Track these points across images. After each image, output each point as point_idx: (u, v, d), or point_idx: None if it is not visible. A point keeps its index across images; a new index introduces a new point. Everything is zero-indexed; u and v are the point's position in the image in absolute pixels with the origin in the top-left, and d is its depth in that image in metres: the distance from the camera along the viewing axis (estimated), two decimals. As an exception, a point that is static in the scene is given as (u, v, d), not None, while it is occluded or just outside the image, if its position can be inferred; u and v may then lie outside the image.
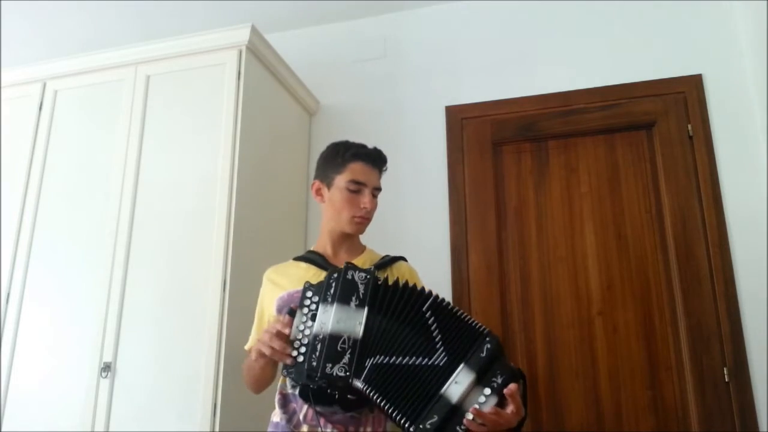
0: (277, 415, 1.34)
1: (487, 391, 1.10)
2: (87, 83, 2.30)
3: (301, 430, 1.28)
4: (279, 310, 1.37)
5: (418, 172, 2.44)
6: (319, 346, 1.16)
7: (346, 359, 1.15)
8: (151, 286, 1.97)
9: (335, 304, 1.19)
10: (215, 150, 2.03)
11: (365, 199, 1.41)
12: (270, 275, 1.47)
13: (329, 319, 1.18)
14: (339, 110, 2.63)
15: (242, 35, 2.10)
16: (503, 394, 1.09)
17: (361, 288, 1.21)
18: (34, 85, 2.37)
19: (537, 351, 2.14)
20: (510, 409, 1.09)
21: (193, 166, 2.05)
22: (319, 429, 1.25)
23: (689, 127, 2.18)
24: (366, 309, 1.19)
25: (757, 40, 2.03)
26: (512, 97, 2.40)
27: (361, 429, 1.27)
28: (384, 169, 1.50)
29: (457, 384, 1.10)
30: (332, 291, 1.20)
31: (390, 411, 1.12)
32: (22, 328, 2.08)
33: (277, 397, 1.36)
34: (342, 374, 1.14)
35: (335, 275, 1.22)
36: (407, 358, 1.15)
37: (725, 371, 1.95)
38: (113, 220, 2.08)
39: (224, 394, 1.80)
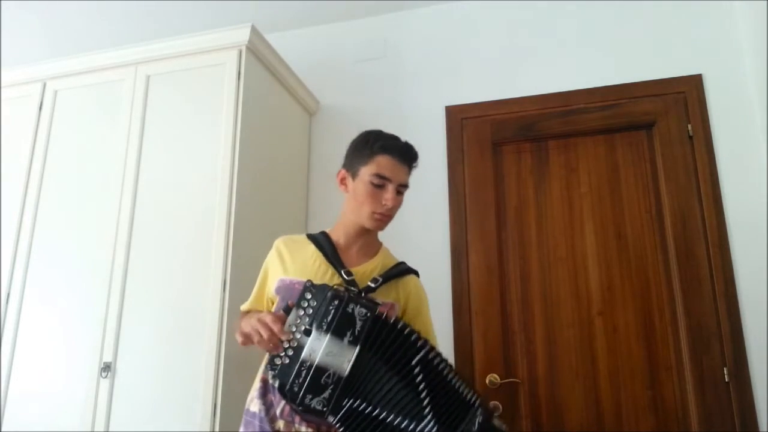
0: (254, 405, 1.32)
1: None
2: (87, 83, 2.30)
3: (277, 424, 1.27)
4: (277, 291, 1.37)
5: (418, 172, 2.41)
6: (303, 374, 1.15)
7: (326, 394, 1.14)
8: (151, 286, 1.97)
9: (329, 336, 1.16)
10: (215, 150, 2.03)
11: (388, 195, 1.35)
12: (280, 247, 1.44)
13: (320, 348, 1.16)
14: (339, 110, 2.63)
15: (242, 35, 2.10)
16: None
17: (359, 325, 1.17)
18: (34, 85, 2.37)
19: (537, 351, 2.14)
20: None
21: (194, 166, 2.05)
22: (294, 426, 1.25)
23: (689, 127, 2.18)
24: (358, 348, 1.16)
25: (757, 40, 2.03)
26: (512, 97, 2.40)
27: (333, 429, 1.27)
28: (414, 165, 1.44)
29: None
30: (329, 319, 1.17)
31: None
32: (22, 328, 2.08)
33: (258, 384, 1.35)
34: (319, 408, 1.14)
35: (336, 302, 1.18)
36: (389, 412, 1.14)
37: (725, 371, 1.95)
38: (113, 220, 2.08)
39: (224, 394, 1.80)
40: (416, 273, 1.47)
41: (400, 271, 1.42)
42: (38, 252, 2.16)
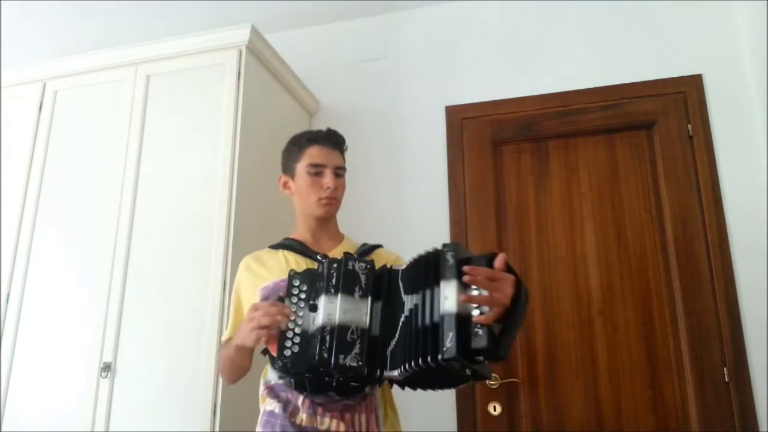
0: (270, 404, 1.32)
1: (466, 269, 1.09)
2: (87, 83, 2.30)
3: (298, 417, 1.27)
4: (265, 300, 1.35)
5: (418, 172, 2.44)
6: (328, 338, 1.16)
7: (357, 349, 1.16)
8: (151, 287, 1.97)
9: (339, 295, 1.19)
10: (215, 150, 2.03)
11: (327, 178, 1.40)
12: (249, 263, 1.45)
13: (335, 309, 1.18)
14: (339, 110, 2.63)
15: (242, 35, 2.10)
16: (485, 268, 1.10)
17: (363, 278, 1.22)
18: (34, 85, 2.37)
19: (537, 351, 2.14)
20: (498, 279, 1.09)
21: (193, 166, 2.05)
22: (317, 418, 1.25)
23: (689, 126, 2.18)
24: (369, 299, 1.21)
25: (757, 40, 2.03)
26: (512, 97, 2.40)
27: (356, 415, 1.28)
28: (344, 148, 1.49)
29: (447, 299, 1.10)
30: (334, 281, 1.21)
31: (411, 365, 1.12)
32: (22, 328, 2.08)
33: (263, 391, 1.35)
34: (354, 364, 1.15)
35: (335, 265, 1.22)
36: (403, 327, 1.17)
37: (725, 371, 1.95)
38: (113, 220, 2.08)
39: (224, 394, 1.80)
40: (380, 245, 1.52)
41: (369, 248, 1.47)
42: (38, 252, 2.16)
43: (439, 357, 1.07)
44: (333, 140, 1.46)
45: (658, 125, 2.21)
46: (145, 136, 2.15)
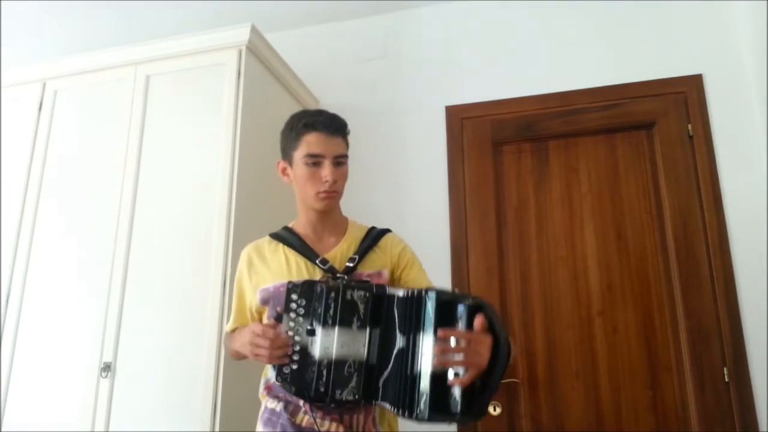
0: (271, 402, 1.32)
1: (440, 334, 1.08)
2: (87, 83, 2.30)
3: (298, 417, 1.27)
4: (264, 302, 1.35)
5: (418, 172, 2.44)
6: (325, 372, 1.16)
7: (353, 383, 1.16)
8: (151, 286, 1.97)
9: (337, 328, 1.18)
10: (215, 150, 2.03)
11: (325, 171, 1.32)
12: (252, 257, 1.42)
13: (332, 343, 1.17)
14: (339, 110, 2.56)
15: (242, 35, 2.10)
16: (458, 331, 1.07)
17: (362, 308, 1.19)
18: (34, 85, 2.37)
19: (537, 351, 2.14)
20: (474, 342, 1.05)
21: (194, 165, 2.05)
22: (317, 421, 1.24)
23: (689, 127, 2.18)
24: (368, 329, 1.19)
25: (757, 40, 2.03)
26: (512, 97, 2.40)
27: (355, 416, 1.28)
28: (346, 132, 1.39)
29: (424, 355, 1.09)
30: (332, 312, 1.18)
31: (397, 413, 1.13)
32: (22, 328, 2.08)
33: (263, 389, 1.36)
34: (351, 398, 1.16)
35: (333, 294, 1.19)
36: (392, 357, 1.16)
37: (725, 371, 1.95)
38: (113, 220, 2.08)
39: (224, 394, 1.80)
40: (388, 230, 1.46)
41: (373, 238, 1.41)
42: (38, 252, 2.16)
43: (413, 417, 1.09)
44: (333, 126, 1.35)
45: (658, 125, 2.21)
46: (145, 136, 2.15)
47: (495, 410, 2.10)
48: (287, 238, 1.40)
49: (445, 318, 1.09)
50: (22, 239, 2.18)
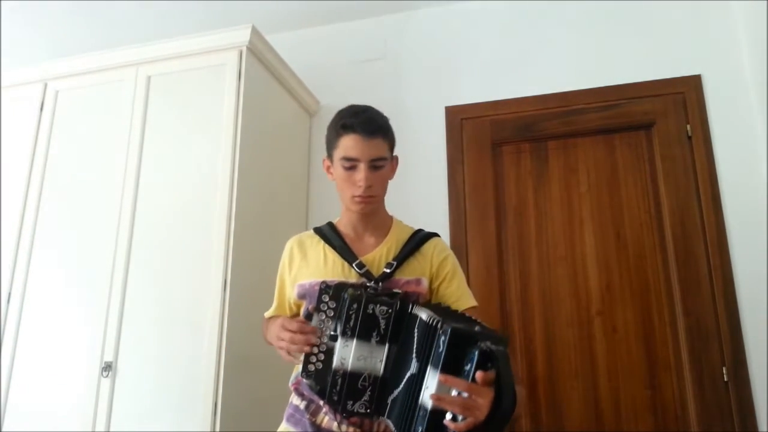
0: (297, 399, 1.34)
1: (442, 379, 1.04)
2: (88, 84, 2.31)
3: (318, 417, 1.28)
4: (301, 297, 1.35)
5: (418, 172, 2.45)
6: (339, 382, 1.16)
7: (366, 396, 1.16)
8: (152, 286, 1.98)
9: (355, 340, 1.17)
10: (216, 150, 2.04)
11: (360, 175, 1.28)
12: (293, 250, 1.41)
13: (349, 355, 1.17)
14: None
15: (243, 36, 2.11)
16: (462, 380, 1.03)
17: (382, 324, 1.17)
18: (36, 86, 2.38)
19: (536, 351, 2.14)
20: (476, 394, 1.01)
21: (194, 166, 2.05)
22: (335, 424, 1.24)
23: (688, 127, 2.19)
24: (387, 345, 1.17)
25: (756, 41, 2.03)
26: (512, 98, 2.40)
27: (376, 422, 1.26)
28: (387, 133, 1.33)
29: (428, 389, 1.07)
30: (352, 324, 1.17)
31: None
32: (23, 328, 2.09)
33: (292, 384, 1.36)
34: (362, 411, 1.16)
35: (355, 306, 1.17)
36: (403, 379, 1.14)
37: (724, 370, 1.96)
38: (114, 220, 2.08)
39: (224, 394, 1.80)
40: (435, 234, 1.41)
41: (417, 242, 1.36)
42: (39, 252, 2.16)
43: None
44: (370, 128, 1.29)
45: (657, 125, 2.22)
46: (145, 137, 2.15)
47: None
48: (328, 235, 1.38)
49: (455, 357, 1.05)
50: (24, 239, 2.19)
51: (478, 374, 1.01)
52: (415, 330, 1.16)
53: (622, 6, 2.38)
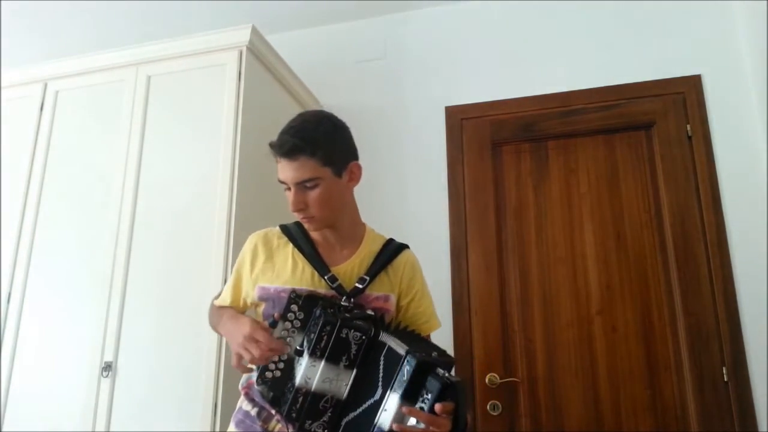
0: (246, 405, 1.31)
1: (405, 411, 1.05)
2: (88, 84, 2.31)
3: (271, 425, 1.26)
4: (262, 300, 1.30)
5: (418, 172, 2.45)
6: (300, 400, 1.14)
7: (326, 417, 1.14)
8: (151, 286, 1.98)
9: (323, 362, 1.14)
10: (216, 150, 2.04)
11: (290, 198, 1.27)
12: (257, 248, 1.35)
13: (315, 375, 1.14)
14: (339, 111, 2.58)
15: (243, 36, 2.11)
16: (423, 413, 1.04)
17: (354, 349, 1.14)
18: (35, 86, 2.38)
19: (536, 350, 2.14)
20: (431, 428, 1.03)
21: (194, 166, 2.06)
22: (288, 429, 1.21)
23: (688, 127, 2.19)
24: (354, 371, 1.15)
25: (757, 40, 2.03)
26: (512, 98, 2.40)
27: None
28: (310, 150, 1.22)
29: (386, 411, 1.07)
30: (323, 345, 1.14)
31: None
32: (23, 328, 2.09)
33: (243, 385, 1.34)
34: (319, 431, 1.14)
35: (328, 329, 1.14)
36: (364, 404, 1.13)
37: (724, 370, 1.96)
38: (114, 220, 2.08)
39: (224, 394, 1.80)
40: (405, 247, 1.39)
41: (389, 255, 1.34)
42: (39, 252, 2.16)
43: None
44: (287, 150, 1.23)
45: (657, 125, 2.22)
46: (146, 137, 2.15)
47: (495, 410, 2.10)
48: (298, 239, 1.33)
49: (417, 385, 1.06)
50: (24, 239, 2.19)
51: (438, 406, 1.02)
52: (382, 358, 1.14)
53: (622, 6, 2.38)
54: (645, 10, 2.35)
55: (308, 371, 1.14)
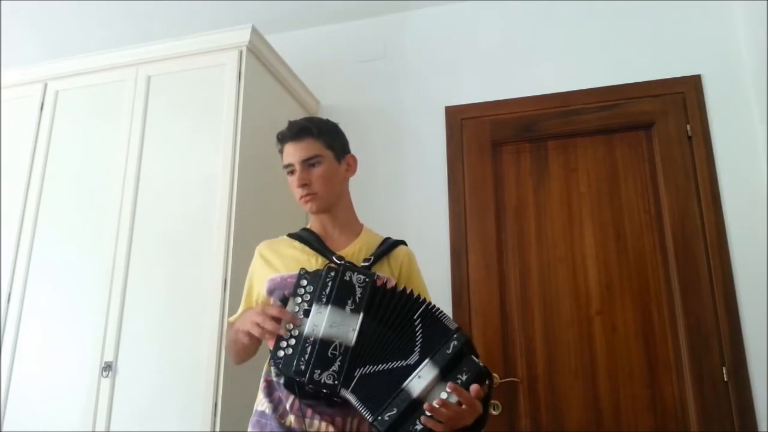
0: (262, 404, 1.32)
1: (450, 387, 1.06)
2: (88, 84, 2.31)
3: (287, 419, 1.26)
4: (270, 292, 1.34)
5: (418, 172, 2.45)
6: (309, 349, 1.13)
7: (335, 366, 1.12)
8: (152, 286, 1.98)
9: (329, 306, 1.15)
10: (216, 150, 2.04)
11: (295, 176, 1.36)
12: (263, 251, 1.44)
13: (322, 321, 1.14)
14: (339, 111, 2.63)
15: (243, 36, 2.11)
16: (465, 392, 1.06)
17: (359, 292, 1.16)
18: (36, 86, 2.38)
19: (536, 350, 2.14)
20: (464, 406, 1.06)
21: (194, 166, 2.06)
22: (306, 420, 1.22)
23: (688, 127, 2.19)
24: (361, 315, 1.15)
25: (757, 40, 2.04)
26: (511, 98, 2.40)
27: (348, 419, 1.25)
28: (317, 132, 1.37)
29: (420, 378, 1.08)
30: (327, 291, 1.16)
31: (360, 408, 1.11)
32: (23, 327, 2.09)
33: (262, 384, 1.34)
34: (330, 382, 1.12)
35: (332, 274, 1.17)
36: (390, 363, 1.13)
37: (724, 370, 1.96)
38: (114, 220, 2.08)
39: (224, 394, 1.81)
40: (403, 243, 1.46)
41: (389, 246, 1.41)
42: (39, 252, 2.16)
43: (372, 419, 1.08)
44: (295, 132, 1.38)
45: (657, 126, 2.22)
46: (146, 137, 2.16)
47: (495, 410, 2.10)
48: (304, 236, 1.42)
49: (456, 363, 1.08)
50: (24, 239, 2.19)
51: (474, 387, 1.05)
52: (419, 323, 1.15)
53: (622, 6, 2.38)
54: (645, 10, 2.35)
55: (315, 319, 1.15)
